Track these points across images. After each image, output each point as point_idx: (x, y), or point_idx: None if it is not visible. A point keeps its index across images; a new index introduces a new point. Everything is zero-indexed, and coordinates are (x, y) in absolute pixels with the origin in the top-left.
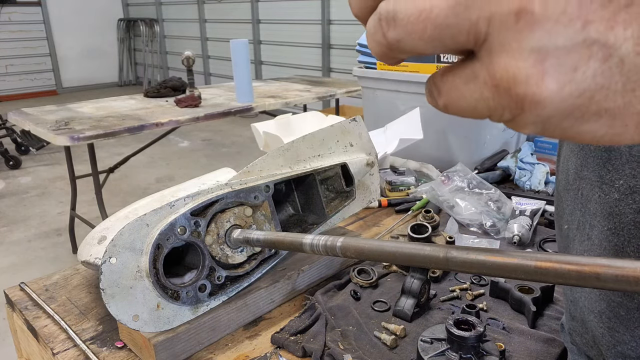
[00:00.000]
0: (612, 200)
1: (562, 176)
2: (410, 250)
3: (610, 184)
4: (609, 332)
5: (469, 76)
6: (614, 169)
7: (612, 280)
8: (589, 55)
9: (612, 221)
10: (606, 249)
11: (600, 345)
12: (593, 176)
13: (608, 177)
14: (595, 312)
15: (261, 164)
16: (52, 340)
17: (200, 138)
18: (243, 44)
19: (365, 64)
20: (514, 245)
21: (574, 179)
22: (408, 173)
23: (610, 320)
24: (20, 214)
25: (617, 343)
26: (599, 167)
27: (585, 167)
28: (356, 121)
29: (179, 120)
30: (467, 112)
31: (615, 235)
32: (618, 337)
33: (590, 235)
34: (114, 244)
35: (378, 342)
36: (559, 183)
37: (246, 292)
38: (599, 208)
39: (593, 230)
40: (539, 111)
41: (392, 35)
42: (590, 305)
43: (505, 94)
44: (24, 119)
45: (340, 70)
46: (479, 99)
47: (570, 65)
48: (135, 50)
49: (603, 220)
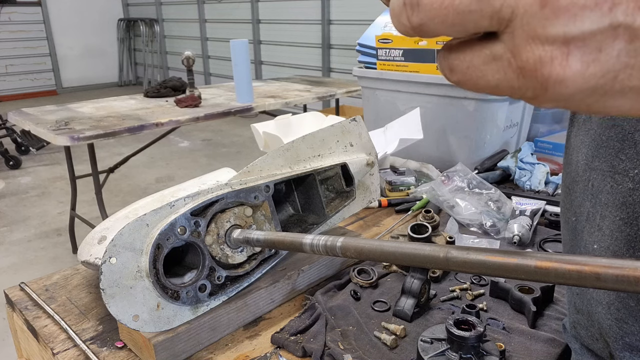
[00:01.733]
0: (626, 190)
1: (571, 168)
2: (410, 250)
3: (623, 174)
4: (617, 323)
5: (490, 57)
6: (628, 159)
7: (612, 281)
8: (614, 37)
9: (625, 211)
10: (618, 239)
11: (607, 337)
12: (605, 166)
13: (621, 166)
14: (603, 303)
15: (261, 164)
16: (52, 340)
17: (200, 138)
18: (243, 44)
19: (365, 64)
20: (514, 245)
21: (584, 170)
22: (408, 173)
23: (619, 311)
24: (20, 214)
25: (625, 334)
26: (611, 157)
27: (597, 157)
28: (356, 121)
29: (179, 120)
30: (487, 89)
31: (628, 225)
32: (626, 328)
33: (601, 226)
34: (114, 244)
35: (378, 342)
36: (566, 175)
37: (246, 292)
38: (611, 198)
39: (604, 220)
40: (562, 90)
41: (415, 20)
42: (598, 297)
43: (530, 76)
44: (24, 119)
45: (340, 70)
46: (501, 79)
47: (595, 46)
48: (135, 50)
49: (615, 211)
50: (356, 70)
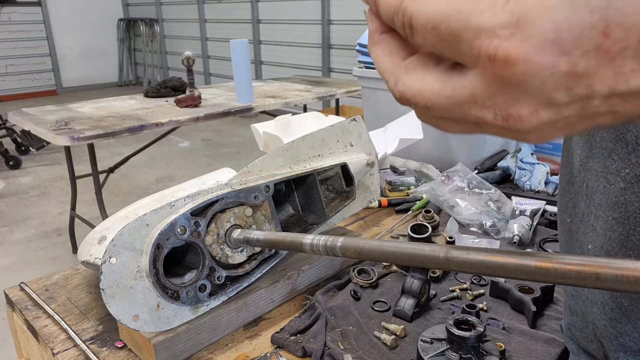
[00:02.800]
0: (618, 190)
1: (566, 170)
2: (410, 250)
3: (615, 174)
4: (611, 323)
5: None
6: (620, 159)
7: (612, 280)
8: None
9: (618, 210)
10: (611, 238)
11: (601, 337)
12: (598, 167)
13: (614, 166)
14: (597, 303)
15: (261, 164)
16: (52, 340)
17: (200, 138)
18: (243, 44)
19: (365, 64)
20: (514, 245)
21: (579, 171)
22: (408, 173)
23: (612, 311)
24: (20, 214)
25: (619, 334)
26: (604, 157)
27: (591, 158)
28: (356, 121)
29: (179, 120)
30: None
31: (621, 224)
32: (620, 328)
33: (595, 227)
34: (114, 244)
35: (378, 342)
36: (562, 177)
37: (246, 292)
38: (604, 198)
39: (598, 221)
40: None
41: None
42: (592, 297)
43: None
44: (24, 119)
45: (340, 70)
46: None
47: None
48: (135, 50)
49: (608, 210)
50: (356, 70)
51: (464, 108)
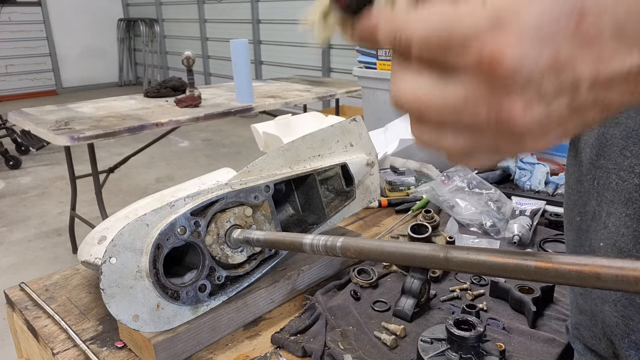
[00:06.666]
0: (632, 186)
1: (574, 169)
2: (410, 250)
3: (629, 170)
4: (623, 320)
5: None
6: (633, 155)
7: (612, 280)
8: None
9: (632, 207)
10: (624, 235)
11: (612, 335)
12: (610, 164)
13: (626, 163)
14: (609, 301)
15: (261, 164)
16: (52, 340)
17: (200, 138)
18: (243, 44)
19: (365, 64)
20: (514, 245)
21: (589, 169)
22: (408, 173)
23: (625, 308)
24: (20, 214)
25: (631, 331)
26: (615, 154)
27: (602, 156)
28: (356, 121)
29: (179, 120)
30: None
31: (635, 220)
32: (632, 325)
33: (606, 224)
34: (114, 244)
35: (378, 342)
36: (570, 176)
37: (246, 292)
38: (617, 195)
39: (610, 218)
40: None
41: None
42: (604, 295)
43: None
44: (24, 119)
45: (340, 70)
46: None
47: None
48: (135, 50)
49: (621, 207)
50: (356, 70)
51: (457, 112)
